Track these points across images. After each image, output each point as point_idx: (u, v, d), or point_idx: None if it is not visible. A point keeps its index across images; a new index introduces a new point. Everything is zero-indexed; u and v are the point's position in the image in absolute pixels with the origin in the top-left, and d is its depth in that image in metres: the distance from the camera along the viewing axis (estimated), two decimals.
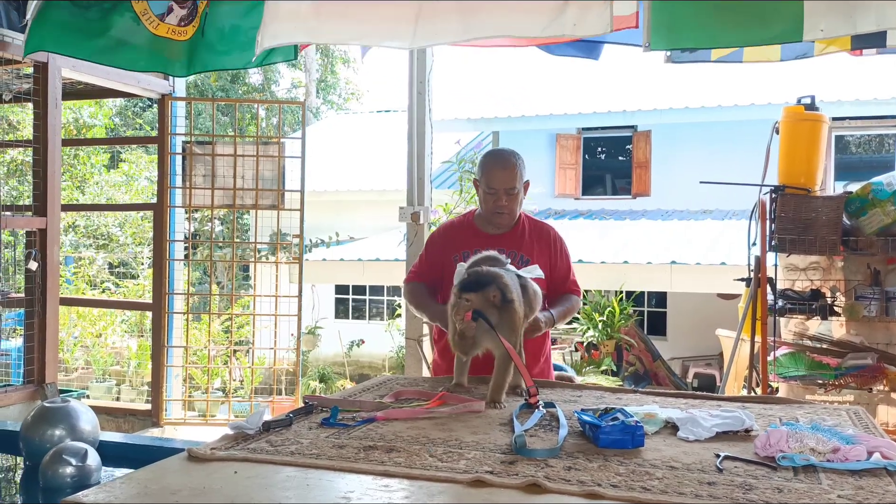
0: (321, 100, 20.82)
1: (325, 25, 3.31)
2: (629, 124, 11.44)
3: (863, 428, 1.97)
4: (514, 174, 2.74)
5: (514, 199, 2.75)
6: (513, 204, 2.75)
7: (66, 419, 2.99)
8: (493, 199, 2.74)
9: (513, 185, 2.73)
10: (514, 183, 2.73)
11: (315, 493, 1.43)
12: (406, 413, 1.99)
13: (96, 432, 3.06)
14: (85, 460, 2.78)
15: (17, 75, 5.07)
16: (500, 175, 2.74)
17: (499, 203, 2.74)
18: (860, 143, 11.49)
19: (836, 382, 4.18)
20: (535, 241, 2.83)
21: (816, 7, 2.71)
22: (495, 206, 2.75)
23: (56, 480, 2.75)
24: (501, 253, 2.52)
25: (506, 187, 2.72)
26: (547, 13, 3.02)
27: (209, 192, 5.75)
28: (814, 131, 4.27)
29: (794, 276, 4.56)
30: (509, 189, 2.72)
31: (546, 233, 2.88)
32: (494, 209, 2.76)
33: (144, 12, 3.70)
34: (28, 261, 4.82)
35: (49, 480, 2.77)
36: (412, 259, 5.12)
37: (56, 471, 2.76)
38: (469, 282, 2.18)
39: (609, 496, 1.41)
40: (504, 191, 2.72)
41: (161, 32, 3.72)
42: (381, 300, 12.98)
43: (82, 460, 2.77)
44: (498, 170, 2.75)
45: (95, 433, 3.05)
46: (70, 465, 2.75)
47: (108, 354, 8.54)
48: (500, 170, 2.75)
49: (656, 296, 10.93)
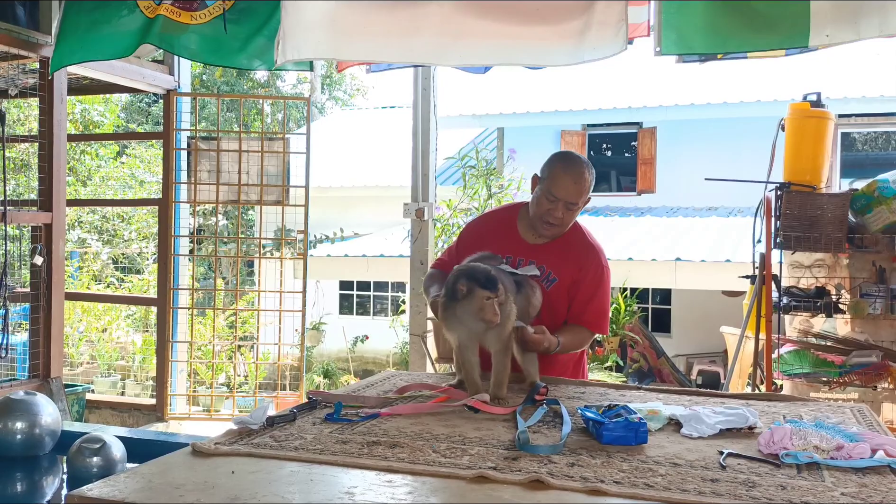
0: (326, 95, 20.83)
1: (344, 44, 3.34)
2: (634, 121, 11.43)
3: (867, 425, 1.97)
4: (582, 189, 2.49)
5: (570, 214, 2.52)
6: (568, 218, 2.52)
7: (28, 411, 3.05)
8: (549, 207, 2.49)
9: (576, 201, 2.50)
10: (579, 199, 2.50)
11: (319, 488, 1.44)
12: (409, 409, 2.00)
13: (57, 425, 3.13)
14: (109, 451, 2.84)
15: (23, 70, 5.08)
16: (567, 185, 2.48)
17: (554, 213, 2.49)
18: (866, 141, 11.46)
19: (840, 380, 4.17)
20: (570, 259, 2.57)
21: (822, 14, 2.73)
22: (549, 214, 2.50)
23: (81, 471, 2.81)
24: (531, 265, 2.45)
25: (568, 200, 2.48)
26: (569, 41, 3.08)
27: (214, 187, 5.76)
28: (820, 128, 4.25)
29: (799, 274, 4.55)
30: (571, 203, 2.49)
31: (587, 254, 2.60)
32: (547, 217, 2.51)
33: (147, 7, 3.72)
34: (34, 256, 4.84)
35: (76, 470, 2.84)
36: (416, 255, 5.14)
37: (81, 461, 2.82)
38: (488, 278, 2.09)
39: (612, 493, 1.41)
40: (565, 203, 2.48)
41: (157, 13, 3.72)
42: (386, 296, 13.00)
43: (106, 451, 2.83)
44: (568, 179, 2.49)
45: (57, 426, 3.12)
46: (95, 455, 2.81)
47: (113, 349, 8.57)
48: (570, 180, 2.49)
49: (661, 292, 10.92)
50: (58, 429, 3.11)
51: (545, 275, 2.53)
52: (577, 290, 2.56)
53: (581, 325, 2.58)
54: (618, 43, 2.97)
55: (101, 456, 2.82)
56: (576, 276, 2.56)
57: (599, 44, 3.03)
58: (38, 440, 3.05)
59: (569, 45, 3.11)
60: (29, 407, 3.05)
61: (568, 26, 3.09)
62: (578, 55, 3.14)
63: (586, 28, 3.06)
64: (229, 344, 7.29)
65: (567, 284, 2.55)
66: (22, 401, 3.07)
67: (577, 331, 2.56)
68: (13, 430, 3.00)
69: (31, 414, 3.04)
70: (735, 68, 10.51)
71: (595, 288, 2.58)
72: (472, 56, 3.35)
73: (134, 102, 16.63)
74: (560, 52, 3.18)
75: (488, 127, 12.50)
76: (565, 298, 2.56)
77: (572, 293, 2.56)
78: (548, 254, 2.55)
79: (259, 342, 6.71)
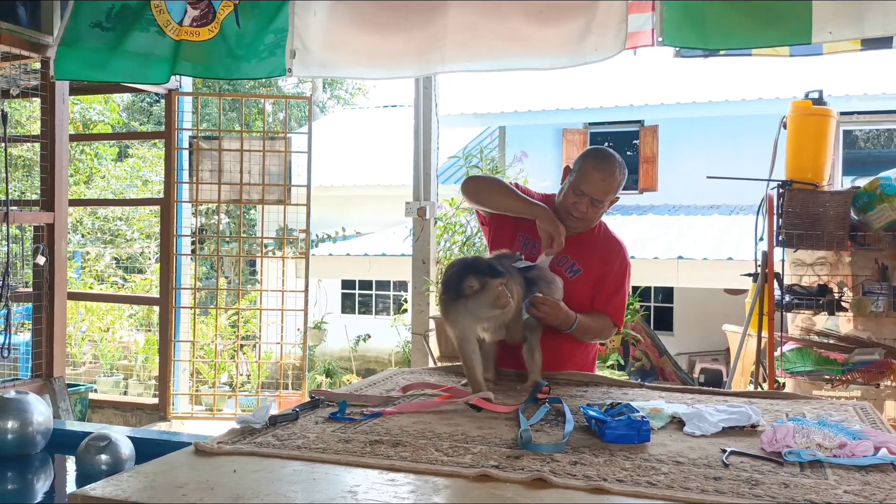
0: (328, 95, 20.83)
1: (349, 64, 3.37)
2: (636, 119, 11.43)
3: (870, 423, 1.96)
4: (610, 187, 2.48)
5: (596, 211, 2.51)
6: (592, 214, 2.51)
7: (19, 410, 3.06)
8: (574, 201, 2.48)
9: (602, 199, 2.48)
10: (605, 196, 2.48)
11: (321, 487, 1.44)
12: (412, 407, 2.00)
13: (49, 424, 3.14)
14: (117, 449, 2.85)
15: (25, 70, 5.09)
16: (596, 181, 2.46)
17: (579, 207, 2.48)
18: (868, 138, 11.44)
19: (843, 378, 4.17)
20: (596, 253, 2.58)
21: (825, 11, 2.73)
22: (574, 208, 2.49)
23: (90, 469, 2.82)
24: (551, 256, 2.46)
25: (594, 196, 2.46)
26: (570, 44, 3.09)
27: (216, 187, 5.76)
28: (821, 126, 4.25)
29: (802, 272, 4.54)
30: (597, 200, 2.47)
31: (611, 248, 2.61)
32: (571, 210, 2.50)
33: (167, 23, 3.74)
34: (36, 255, 4.84)
35: (84, 468, 2.85)
36: (418, 254, 5.14)
37: (89, 459, 2.83)
38: (490, 265, 2.15)
39: (615, 491, 1.41)
40: (591, 199, 2.47)
41: (181, 37, 3.75)
42: (388, 295, 13.01)
43: (114, 449, 2.84)
44: (597, 175, 2.47)
45: (49, 425, 3.14)
46: (103, 453, 2.83)
47: (115, 349, 8.56)
48: (598, 177, 2.47)
49: (663, 291, 10.92)
50: (49, 428, 3.12)
51: (569, 265, 2.53)
52: (603, 283, 2.57)
53: (604, 314, 2.57)
54: (618, 42, 2.98)
55: (110, 454, 2.83)
56: (600, 269, 2.56)
57: (601, 45, 3.03)
58: (31, 439, 3.06)
59: (570, 48, 3.12)
60: (21, 406, 3.06)
61: (569, 28, 3.10)
62: (579, 57, 3.15)
63: (587, 30, 3.07)
64: (232, 343, 7.28)
65: (591, 277, 2.55)
66: (14, 400, 3.08)
67: (599, 316, 2.55)
68: (5, 429, 3.00)
69: (23, 413, 3.05)
70: (737, 66, 10.50)
71: (619, 282, 2.59)
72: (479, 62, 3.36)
73: (136, 102, 16.64)
74: (561, 54, 3.19)
75: (490, 126, 12.50)
76: (588, 291, 2.56)
77: (597, 287, 2.57)
78: (574, 245, 2.52)
79: (261, 341, 6.71)
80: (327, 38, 3.30)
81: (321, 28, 3.29)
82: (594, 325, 2.53)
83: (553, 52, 3.21)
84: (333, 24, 3.30)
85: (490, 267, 2.14)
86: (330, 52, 3.33)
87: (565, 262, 2.52)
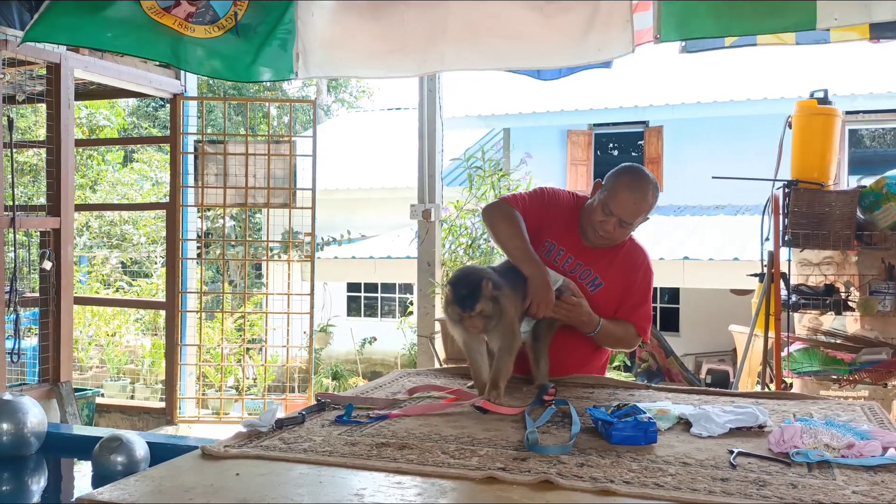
0: (332, 98, 20.86)
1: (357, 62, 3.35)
2: (641, 120, 11.40)
3: (877, 423, 1.96)
4: (640, 209, 2.40)
5: (622, 231, 2.43)
6: (619, 235, 2.44)
7: (14, 412, 3.08)
8: (602, 220, 2.40)
9: (631, 221, 2.41)
10: (634, 219, 2.41)
11: (328, 490, 1.44)
12: (418, 410, 2.00)
13: (43, 426, 3.16)
14: (132, 450, 2.87)
15: (31, 76, 5.11)
16: (626, 204, 2.38)
17: (605, 227, 2.40)
18: (874, 137, 11.40)
19: (850, 378, 4.15)
20: (619, 264, 2.52)
21: None
22: (600, 226, 2.42)
23: (106, 469, 2.84)
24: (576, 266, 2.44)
25: (623, 218, 2.38)
26: (571, 42, 3.06)
27: (221, 190, 5.78)
28: (827, 125, 4.24)
29: (808, 271, 4.53)
30: (626, 222, 2.40)
31: (635, 257, 2.55)
32: (597, 228, 2.43)
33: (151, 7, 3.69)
34: (42, 260, 4.86)
35: (100, 469, 2.87)
36: (423, 256, 5.14)
37: (105, 460, 2.85)
38: (464, 296, 2.08)
39: (622, 493, 1.40)
40: (619, 220, 2.39)
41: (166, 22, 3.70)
42: (393, 298, 13.01)
43: (129, 450, 2.86)
44: (628, 198, 2.38)
45: (43, 427, 3.15)
46: (118, 454, 2.84)
47: (122, 353, 8.59)
48: (630, 200, 2.38)
49: (669, 291, 10.90)
50: (44, 430, 3.14)
51: (591, 278, 2.48)
52: (628, 294, 2.52)
53: (629, 322, 2.51)
54: (624, 43, 2.95)
55: (125, 454, 2.85)
56: (624, 280, 2.51)
57: (604, 44, 3.01)
58: (25, 441, 3.08)
59: (571, 47, 3.10)
60: (15, 408, 3.08)
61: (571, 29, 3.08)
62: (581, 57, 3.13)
63: (590, 29, 3.05)
64: (238, 347, 7.30)
65: (613, 289, 2.49)
66: (8, 402, 3.10)
67: (623, 323, 2.50)
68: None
69: (17, 415, 3.06)
70: (742, 66, 10.49)
71: (645, 292, 2.55)
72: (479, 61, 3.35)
73: (141, 107, 16.69)
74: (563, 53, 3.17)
75: (494, 127, 12.50)
76: (610, 303, 2.50)
77: (623, 296, 2.51)
78: (597, 258, 2.49)
79: (267, 345, 6.73)
80: (326, 37, 3.30)
81: (320, 27, 3.29)
82: (617, 331, 2.48)
83: (554, 51, 3.19)
84: (332, 24, 3.30)
85: (462, 299, 2.08)
86: (329, 52, 3.31)
87: (588, 275, 2.46)
